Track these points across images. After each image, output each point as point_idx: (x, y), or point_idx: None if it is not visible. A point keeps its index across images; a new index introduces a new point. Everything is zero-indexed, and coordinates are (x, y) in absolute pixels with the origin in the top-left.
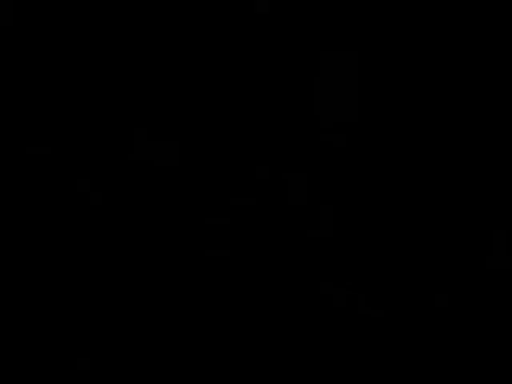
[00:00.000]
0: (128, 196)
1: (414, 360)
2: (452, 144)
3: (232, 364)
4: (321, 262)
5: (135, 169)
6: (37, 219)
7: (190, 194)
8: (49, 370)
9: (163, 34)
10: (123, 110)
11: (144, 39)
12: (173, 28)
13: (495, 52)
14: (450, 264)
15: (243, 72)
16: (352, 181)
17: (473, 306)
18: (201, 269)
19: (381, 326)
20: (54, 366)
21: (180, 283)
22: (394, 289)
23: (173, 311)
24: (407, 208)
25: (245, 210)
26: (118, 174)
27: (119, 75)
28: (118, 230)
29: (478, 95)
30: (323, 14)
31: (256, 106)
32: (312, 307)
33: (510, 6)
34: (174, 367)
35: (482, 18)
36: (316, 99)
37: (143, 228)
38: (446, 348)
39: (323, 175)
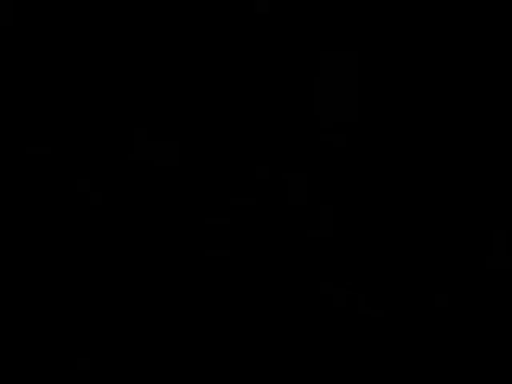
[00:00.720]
0: (128, 196)
1: (414, 360)
2: (452, 144)
3: (232, 364)
4: (321, 262)
5: (135, 169)
6: (37, 219)
7: (190, 194)
8: (49, 370)
9: (163, 33)
10: (123, 110)
11: (144, 39)
12: (173, 28)
13: (495, 52)
14: (450, 264)
15: (243, 72)
16: (352, 181)
17: (473, 305)
18: (201, 269)
19: (381, 326)
20: (54, 366)
21: (180, 283)
22: (394, 289)
23: (173, 311)
24: (407, 208)
25: (245, 209)
26: (118, 174)
27: (119, 75)
28: (118, 230)
29: (478, 95)
30: (323, 14)
31: (256, 106)
32: (312, 307)
33: (510, 6)
34: (174, 367)
35: (482, 17)
36: (316, 99)
37: (143, 228)
38: (446, 348)
39: (323, 175)
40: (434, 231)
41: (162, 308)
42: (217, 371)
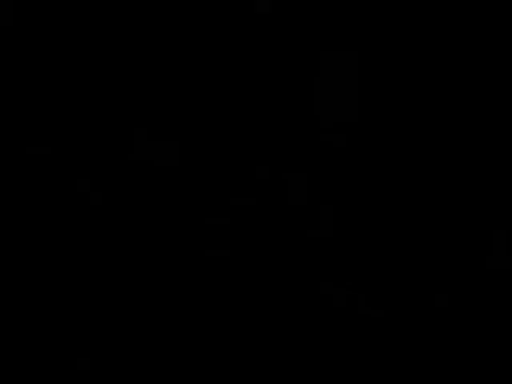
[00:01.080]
0: (128, 196)
1: (414, 360)
2: (452, 144)
3: (232, 364)
4: (321, 262)
5: (135, 169)
6: (37, 219)
7: (190, 194)
8: (49, 370)
9: (163, 33)
10: (123, 110)
11: (144, 39)
12: (173, 28)
13: (495, 52)
14: (450, 264)
15: (243, 72)
16: (352, 181)
17: (473, 305)
18: (201, 269)
19: (381, 326)
20: (54, 365)
21: (180, 283)
22: (394, 289)
23: (173, 311)
24: (407, 208)
25: (245, 209)
26: (118, 173)
27: (119, 75)
28: (118, 230)
29: (478, 95)
30: (323, 14)
31: (256, 106)
32: (312, 307)
33: (510, 6)
34: (174, 367)
35: (482, 17)
36: (316, 99)
37: (143, 228)
38: (446, 348)
39: (323, 175)
40: (433, 231)
41: (162, 308)
42: (217, 371)
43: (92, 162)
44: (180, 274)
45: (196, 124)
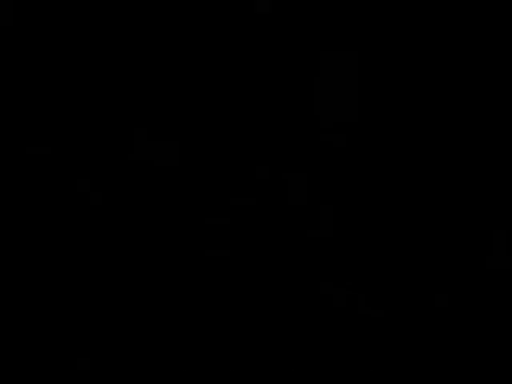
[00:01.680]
0: (128, 196)
1: (414, 360)
2: (452, 144)
3: (232, 364)
4: (321, 262)
5: (135, 169)
6: (37, 219)
7: (190, 194)
8: (49, 370)
9: (163, 33)
10: (123, 110)
11: (144, 39)
12: (173, 28)
13: (495, 52)
14: (450, 264)
15: (243, 72)
16: (352, 181)
17: (473, 306)
18: (201, 269)
19: (381, 326)
20: (54, 366)
21: (180, 283)
22: (394, 289)
23: (173, 311)
24: (407, 208)
25: (245, 210)
26: (118, 174)
27: (119, 75)
28: (117, 230)
29: (478, 95)
30: (323, 14)
31: (256, 106)
32: (312, 307)
33: (510, 6)
34: (174, 367)
35: (482, 17)
36: (316, 99)
37: (143, 228)
38: (446, 348)
39: (323, 175)
40: (433, 231)
41: (162, 308)
42: (217, 371)
43: (92, 161)
44: (180, 274)
45: (196, 124)
